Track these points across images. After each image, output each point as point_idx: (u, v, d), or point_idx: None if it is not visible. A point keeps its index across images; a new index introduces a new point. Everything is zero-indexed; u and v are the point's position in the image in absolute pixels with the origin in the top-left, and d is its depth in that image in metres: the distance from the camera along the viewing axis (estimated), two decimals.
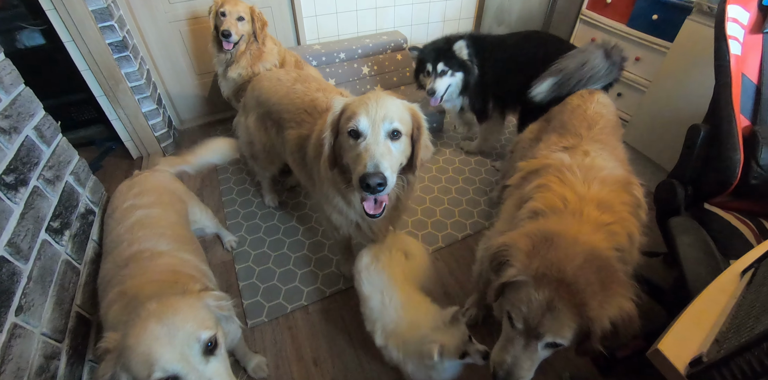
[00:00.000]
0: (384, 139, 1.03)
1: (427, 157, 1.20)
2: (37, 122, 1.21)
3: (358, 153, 1.02)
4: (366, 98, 1.07)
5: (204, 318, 0.81)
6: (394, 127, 1.04)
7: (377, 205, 1.12)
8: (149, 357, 0.71)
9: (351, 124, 1.04)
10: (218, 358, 0.80)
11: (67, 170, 1.31)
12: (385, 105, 1.04)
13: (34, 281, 0.99)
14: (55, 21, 1.95)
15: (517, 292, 0.90)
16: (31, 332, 0.93)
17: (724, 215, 1.30)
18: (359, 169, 1.00)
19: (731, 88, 1.30)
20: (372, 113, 1.02)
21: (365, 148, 1.01)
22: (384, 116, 1.03)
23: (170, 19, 2.48)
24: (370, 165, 0.97)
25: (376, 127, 1.02)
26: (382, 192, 1.00)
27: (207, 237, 1.97)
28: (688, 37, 1.96)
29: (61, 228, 1.18)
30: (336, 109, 1.11)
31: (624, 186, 1.13)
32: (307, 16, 2.76)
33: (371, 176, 0.96)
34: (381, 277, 1.31)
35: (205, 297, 0.88)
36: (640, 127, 2.34)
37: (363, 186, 0.98)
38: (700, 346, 0.73)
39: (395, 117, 1.04)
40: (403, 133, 1.07)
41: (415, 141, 1.13)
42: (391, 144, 1.06)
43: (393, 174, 1.02)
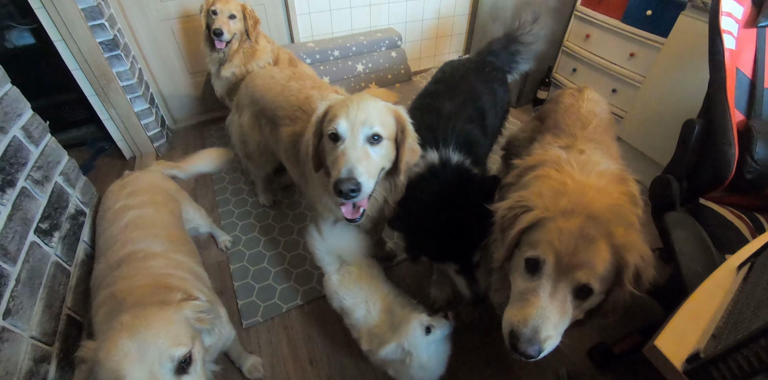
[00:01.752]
0: (362, 144, 1.02)
1: (414, 160, 1.18)
2: (24, 122, 1.19)
3: (336, 157, 1.02)
4: (348, 100, 1.05)
5: (178, 334, 0.78)
6: (374, 131, 1.03)
7: (355, 210, 1.10)
8: (118, 374, 0.69)
9: (331, 127, 1.03)
10: (192, 377, 0.77)
11: (56, 171, 1.29)
12: (366, 108, 1.03)
13: (22, 283, 0.98)
14: (44, 20, 1.92)
15: (542, 231, 0.85)
16: (19, 335, 0.92)
17: (719, 210, 1.30)
18: (334, 173, 0.99)
19: (726, 83, 1.30)
20: (352, 117, 1.01)
21: (342, 152, 1.00)
22: (364, 120, 1.01)
23: (162, 18, 2.45)
24: (345, 170, 0.97)
25: (355, 131, 1.01)
26: (356, 198, 0.99)
27: (201, 238, 1.95)
28: (683, 33, 1.96)
29: (50, 230, 1.16)
30: (319, 110, 1.10)
31: (620, 180, 1.12)
32: (301, 14, 2.74)
33: (344, 182, 0.95)
34: (360, 288, 1.34)
35: (185, 309, 0.85)
36: (634, 123, 2.33)
37: (336, 191, 0.97)
38: (697, 342, 0.73)
39: (375, 121, 1.03)
40: (384, 137, 1.06)
41: (400, 144, 1.11)
42: (371, 148, 1.04)
43: (370, 179, 1.01)
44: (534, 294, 0.82)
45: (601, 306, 0.88)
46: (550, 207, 0.87)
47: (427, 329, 1.12)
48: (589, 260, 0.80)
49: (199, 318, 0.86)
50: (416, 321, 1.14)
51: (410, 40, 3.30)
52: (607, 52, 2.52)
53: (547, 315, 0.80)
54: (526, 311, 0.82)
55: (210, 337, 0.94)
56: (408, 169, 1.19)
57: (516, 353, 0.82)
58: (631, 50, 2.34)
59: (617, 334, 1.50)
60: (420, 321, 1.14)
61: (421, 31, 3.31)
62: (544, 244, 0.83)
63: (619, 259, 0.82)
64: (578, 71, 2.77)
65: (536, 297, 0.82)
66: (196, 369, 0.78)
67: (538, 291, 0.82)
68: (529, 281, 0.86)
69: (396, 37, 2.91)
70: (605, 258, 0.81)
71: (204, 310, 0.88)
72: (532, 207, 0.89)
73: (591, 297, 0.84)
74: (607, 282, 0.84)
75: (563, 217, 0.83)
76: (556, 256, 0.81)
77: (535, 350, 0.79)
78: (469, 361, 1.47)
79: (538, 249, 0.83)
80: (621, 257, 0.81)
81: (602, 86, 2.58)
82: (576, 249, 0.80)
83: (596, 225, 0.82)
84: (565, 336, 0.87)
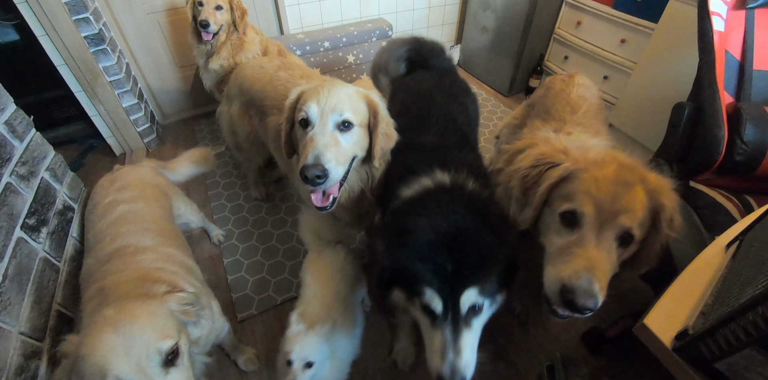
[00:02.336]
0: (332, 130, 1.01)
1: (389, 146, 1.16)
2: (7, 117, 1.17)
3: (305, 143, 1.01)
4: (320, 86, 1.04)
5: (164, 327, 0.77)
6: (344, 118, 1.01)
7: (324, 198, 1.09)
8: (103, 368, 0.68)
9: (302, 113, 1.02)
10: (179, 369, 0.76)
11: (42, 166, 1.27)
12: (337, 94, 1.02)
13: (9, 279, 0.97)
14: (27, 14, 1.89)
15: (577, 182, 0.83)
16: (8, 331, 0.91)
17: (709, 192, 1.30)
18: (302, 160, 0.98)
19: (715, 65, 1.30)
20: (322, 103, 1.00)
21: (311, 139, 0.99)
22: (334, 106, 1.00)
23: (148, 11, 2.41)
24: (311, 156, 0.95)
25: (324, 118, 1.00)
26: (322, 185, 0.98)
27: (194, 232, 1.94)
28: (673, 18, 1.95)
29: (37, 226, 1.15)
30: (292, 96, 1.09)
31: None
32: (290, 5, 2.71)
33: (309, 168, 0.94)
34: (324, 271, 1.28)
35: (169, 301, 0.83)
36: (626, 109, 2.33)
37: (302, 178, 0.96)
38: (686, 320, 0.73)
39: (346, 107, 1.01)
40: (355, 124, 1.04)
41: (373, 130, 1.10)
42: (341, 135, 1.03)
43: (339, 166, 1.00)
44: (579, 246, 0.79)
45: (636, 256, 0.87)
46: (580, 159, 0.85)
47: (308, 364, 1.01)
48: (630, 205, 0.79)
49: (184, 311, 0.85)
50: (298, 354, 1.00)
51: (401, 30, 3.27)
52: (598, 38, 2.51)
53: (597, 265, 0.77)
54: (575, 264, 0.78)
55: (197, 329, 0.93)
56: (383, 154, 1.17)
57: (569, 310, 0.78)
58: (622, 36, 2.33)
59: (610, 318, 1.51)
60: (301, 356, 1.00)
61: (412, 21, 3.28)
62: (582, 195, 0.81)
63: (654, 203, 0.82)
64: (570, 59, 2.76)
65: (583, 248, 0.79)
66: (183, 362, 0.77)
67: (583, 243, 0.79)
68: (568, 235, 0.82)
69: (387, 27, 2.88)
70: (643, 202, 0.80)
71: (189, 302, 0.87)
72: (558, 161, 0.87)
73: (631, 244, 0.83)
74: (645, 229, 0.83)
75: (596, 167, 0.82)
76: (596, 205, 0.79)
77: (593, 302, 0.76)
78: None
79: (575, 201, 0.81)
80: (657, 201, 0.81)
81: (594, 73, 2.57)
82: (615, 196, 0.78)
83: (630, 172, 0.82)
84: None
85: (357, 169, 1.18)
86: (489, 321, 0.89)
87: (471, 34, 3.26)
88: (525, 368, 1.44)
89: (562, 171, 0.85)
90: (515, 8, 2.72)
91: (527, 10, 2.63)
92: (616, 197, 0.79)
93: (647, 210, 0.81)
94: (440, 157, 1.12)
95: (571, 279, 0.77)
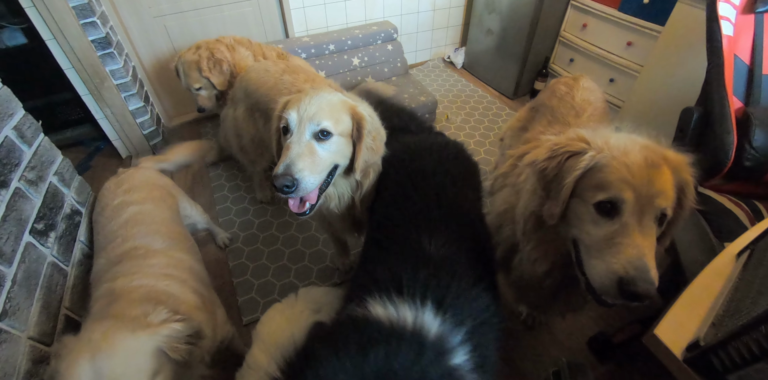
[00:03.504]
0: (308, 139, 1.01)
1: (373, 159, 1.14)
2: (16, 122, 1.18)
3: (283, 150, 1.02)
4: (304, 94, 1.05)
5: (140, 368, 0.75)
6: (321, 127, 1.01)
7: (301, 204, 1.08)
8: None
9: (283, 120, 1.03)
10: None
11: (50, 171, 1.28)
12: (318, 103, 1.01)
13: (18, 284, 0.97)
14: (35, 19, 1.90)
15: (608, 171, 0.81)
16: (17, 336, 0.91)
17: (717, 198, 1.29)
18: (275, 168, 0.98)
19: (723, 70, 1.29)
20: (302, 111, 1.00)
21: (287, 146, 1.00)
22: (312, 115, 1.00)
23: (154, 14, 2.42)
24: (282, 166, 0.96)
25: (302, 126, 1.00)
26: (292, 194, 0.98)
27: (200, 235, 1.94)
28: (680, 20, 1.94)
29: (45, 230, 1.16)
30: (280, 103, 1.10)
31: None
32: (295, 8, 2.71)
33: (278, 178, 0.95)
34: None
35: (161, 333, 0.81)
36: (632, 113, 2.32)
37: (273, 186, 0.97)
38: (696, 330, 0.73)
39: (325, 116, 1.01)
40: (334, 134, 1.03)
41: (356, 142, 1.09)
42: (318, 144, 1.02)
43: (313, 175, 0.99)
44: (624, 235, 0.77)
45: (663, 234, 0.86)
46: (603, 146, 0.84)
47: None
48: (664, 186, 0.78)
49: (173, 348, 0.82)
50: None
51: (406, 32, 3.28)
52: (604, 41, 2.50)
53: (646, 251, 0.75)
54: (627, 254, 0.75)
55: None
56: (366, 167, 1.15)
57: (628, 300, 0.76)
58: (628, 39, 2.32)
59: (617, 324, 1.50)
60: None
61: (417, 24, 3.28)
62: (618, 182, 0.79)
63: (678, 179, 0.82)
64: (575, 61, 2.75)
65: (628, 237, 0.77)
66: None
67: (628, 231, 0.77)
68: (608, 225, 0.80)
69: (392, 29, 2.88)
70: (671, 181, 0.80)
71: (185, 333, 0.85)
72: (578, 150, 0.85)
73: (665, 223, 0.82)
74: (674, 207, 0.83)
75: (623, 154, 0.81)
76: (634, 191, 0.78)
77: (654, 288, 0.74)
78: None
79: (612, 189, 0.79)
80: (680, 176, 0.82)
81: (600, 76, 2.56)
82: (650, 179, 0.78)
83: (654, 153, 0.81)
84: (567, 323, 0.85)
85: (345, 177, 1.17)
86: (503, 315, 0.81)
87: (476, 37, 3.26)
88: (531, 373, 1.43)
89: (588, 160, 0.83)
90: (521, 11, 2.71)
91: (533, 12, 2.62)
92: (651, 181, 0.78)
93: (675, 188, 0.82)
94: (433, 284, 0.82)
95: (627, 271, 0.74)
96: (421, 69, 3.49)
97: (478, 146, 2.57)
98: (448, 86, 3.25)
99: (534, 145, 1.24)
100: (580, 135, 0.88)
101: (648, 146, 0.83)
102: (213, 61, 1.99)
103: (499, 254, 1.15)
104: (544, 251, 0.96)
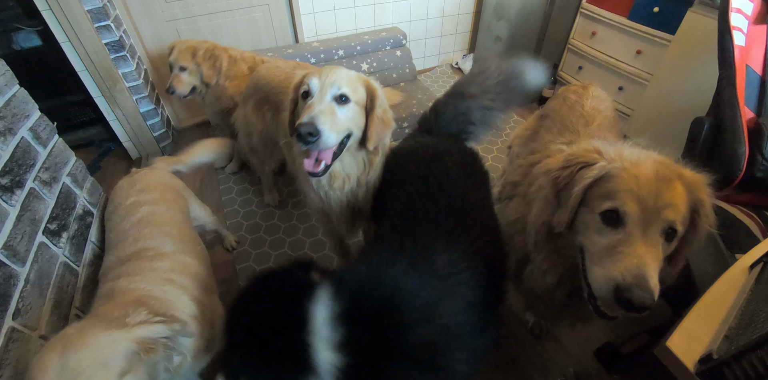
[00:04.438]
0: (329, 101, 1.08)
1: (385, 132, 1.21)
2: (32, 123, 1.20)
3: (304, 109, 1.08)
4: (325, 67, 1.13)
5: (105, 365, 0.75)
6: (341, 92, 1.09)
7: (316, 163, 1.13)
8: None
9: (303, 86, 1.11)
10: None
11: (63, 171, 1.29)
12: (338, 73, 1.11)
13: (31, 284, 0.98)
14: (50, 21, 1.93)
15: (616, 181, 0.82)
16: (29, 336, 0.92)
17: (729, 209, 1.28)
18: (298, 121, 1.04)
19: (735, 80, 1.28)
20: (323, 78, 1.09)
21: (309, 105, 1.07)
22: (333, 81, 1.08)
23: (167, 18, 2.46)
24: (307, 117, 1.02)
25: (324, 89, 1.08)
26: (315, 144, 1.03)
27: (208, 237, 1.95)
28: (691, 30, 1.94)
29: (58, 230, 1.17)
30: (297, 77, 1.17)
31: None
32: (305, 13, 2.74)
33: (303, 125, 1.01)
34: None
35: (134, 333, 0.80)
36: (641, 121, 2.32)
37: (297, 135, 1.02)
38: (709, 343, 0.72)
39: (344, 83, 1.10)
40: (351, 100, 1.11)
41: (369, 113, 1.17)
42: (338, 107, 1.10)
43: (332, 132, 1.05)
44: (626, 244, 0.78)
45: (674, 253, 0.86)
46: (615, 158, 0.85)
47: None
48: (673, 199, 0.78)
49: (147, 349, 0.81)
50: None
51: (415, 38, 3.30)
52: (613, 49, 2.50)
53: (648, 261, 0.75)
54: (626, 261, 0.76)
55: (177, 357, 0.90)
56: (378, 139, 1.20)
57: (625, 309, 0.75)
58: (637, 47, 2.32)
59: (625, 334, 1.49)
60: None
61: (426, 30, 3.30)
62: (623, 193, 0.80)
63: (693, 198, 0.81)
64: (584, 69, 2.75)
65: (630, 246, 0.77)
66: None
67: (631, 240, 0.78)
68: (612, 234, 0.81)
69: (401, 35, 2.90)
70: (683, 197, 0.80)
71: (163, 335, 0.84)
72: (591, 161, 0.86)
73: (674, 240, 0.82)
74: (686, 225, 0.82)
75: (633, 165, 0.82)
76: (639, 202, 0.78)
77: (651, 299, 0.73)
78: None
79: (617, 199, 0.80)
80: (695, 196, 0.81)
81: (608, 84, 2.56)
82: (658, 192, 0.78)
83: (666, 168, 0.81)
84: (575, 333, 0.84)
85: (354, 154, 1.22)
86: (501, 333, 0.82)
87: (484, 44, 3.27)
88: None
89: (598, 170, 0.84)
90: (529, 18, 2.72)
91: (541, 20, 2.63)
92: (659, 193, 0.78)
93: (688, 205, 0.81)
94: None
95: (624, 277, 0.74)
96: (429, 75, 3.51)
97: (485, 153, 2.57)
98: None
99: (545, 154, 1.25)
100: (595, 146, 0.89)
101: (663, 162, 0.83)
102: (210, 54, 2.03)
103: (510, 264, 1.15)
104: (555, 262, 0.97)
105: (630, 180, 0.80)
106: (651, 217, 0.78)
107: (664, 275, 0.87)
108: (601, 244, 0.82)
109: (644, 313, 0.73)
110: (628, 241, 0.78)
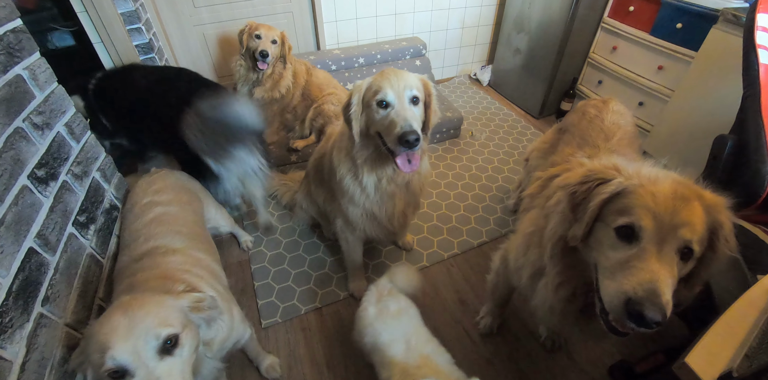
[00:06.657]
0: (408, 105, 1.18)
1: (435, 121, 1.33)
2: (68, 119, 1.24)
3: (391, 119, 1.17)
4: (386, 74, 1.20)
5: (168, 317, 0.80)
6: (414, 94, 1.19)
7: (411, 164, 1.24)
8: (104, 345, 0.72)
9: (379, 97, 1.18)
10: (176, 359, 0.78)
11: (94, 166, 1.34)
12: (404, 77, 1.20)
13: (60, 273, 1.02)
14: (85, 23, 2.02)
15: (633, 197, 0.82)
16: (56, 322, 0.95)
17: (751, 228, 1.27)
18: (396, 130, 1.14)
19: (760, 99, 1.27)
20: (395, 85, 1.17)
21: (396, 114, 1.16)
22: (405, 86, 1.18)
23: (194, 23, 2.54)
24: (406, 125, 1.13)
25: (401, 97, 1.17)
26: (417, 147, 1.14)
27: (224, 237, 1.99)
28: (714, 47, 1.93)
29: (87, 223, 1.21)
30: (363, 87, 1.24)
31: None
32: (328, 22, 2.80)
33: (408, 133, 1.11)
34: (400, 323, 1.24)
35: (183, 298, 0.87)
36: (662, 137, 2.30)
37: (402, 142, 1.12)
38: (729, 361, 0.71)
39: (413, 85, 1.20)
40: (420, 100, 1.22)
41: (427, 107, 1.28)
42: (414, 108, 1.20)
43: (420, 132, 1.16)
44: (640, 260, 0.77)
45: (691, 275, 0.85)
46: (633, 175, 0.85)
47: None
48: (690, 218, 0.77)
49: (196, 307, 0.88)
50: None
51: (434, 49, 3.34)
52: (634, 64, 2.50)
53: (661, 277, 0.74)
54: (639, 276, 0.75)
55: (211, 331, 0.95)
56: (431, 127, 1.34)
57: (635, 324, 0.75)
58: (659, 63, 2.32)
59: (640, 353, 1.46)
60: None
61: (446, 41, 3.34)
62: (639, 209, 0.80)
63: (712, 220, 0.80)
64: (604, 83, 2.75)
65: (644, 261, 0.76)
66: (182, 354, 0.79)
67: (645, 256, 0.77)
68: (626, 250, 0.81)
69: (420, 45, 2.94)
70: (702, 217, 0.79)
71: (203, 303, 0.90)
72: (610, 177, 0.87)
73: (690, 261, 0.81)
74: (703, 246, 0.81)
75: (651, 182, 0.82)
76: (655, 218, 0.78)
77: (662, 314, 0.72)
78: (487, 375, 1.46)
79: (632, 214, 0.80)
80: (714, 218, 0.80)
81: (628, 99, 2.55)
82: (675, 210, 0.77)
83: (686, 187, 0.81)
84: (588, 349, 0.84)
85: None
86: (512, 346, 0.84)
87: (503, 55, 3.29)
88: None
89: (615, 186, 0.84)
90: (550, 31, 2.74)
91: (562, 33, 2.65)
92: (676, 211, 0.77)
93: (706, 226, 0.80)
94: None
95: (636, 291, 0.74)
96: (447, 85, 3.54)
97: (502, 164, 2.57)
98: (473, 103, 3.28)
99: (564, 168, 1.25)
100: (614, 163, 0.90)
101: (682, 182, 0.83)
102: (287, 46, 2.27)
103: (525, 277, 1.15)
104: (569, 276, 0.97)
105: (647, 196, 0.80)
106: (666, 234, 0.77)
107: (680, 297, 0.87)
108: (614, 259, 0.82)
109: (655, 329, 0.73)
110: (642, 257, 0.77)
